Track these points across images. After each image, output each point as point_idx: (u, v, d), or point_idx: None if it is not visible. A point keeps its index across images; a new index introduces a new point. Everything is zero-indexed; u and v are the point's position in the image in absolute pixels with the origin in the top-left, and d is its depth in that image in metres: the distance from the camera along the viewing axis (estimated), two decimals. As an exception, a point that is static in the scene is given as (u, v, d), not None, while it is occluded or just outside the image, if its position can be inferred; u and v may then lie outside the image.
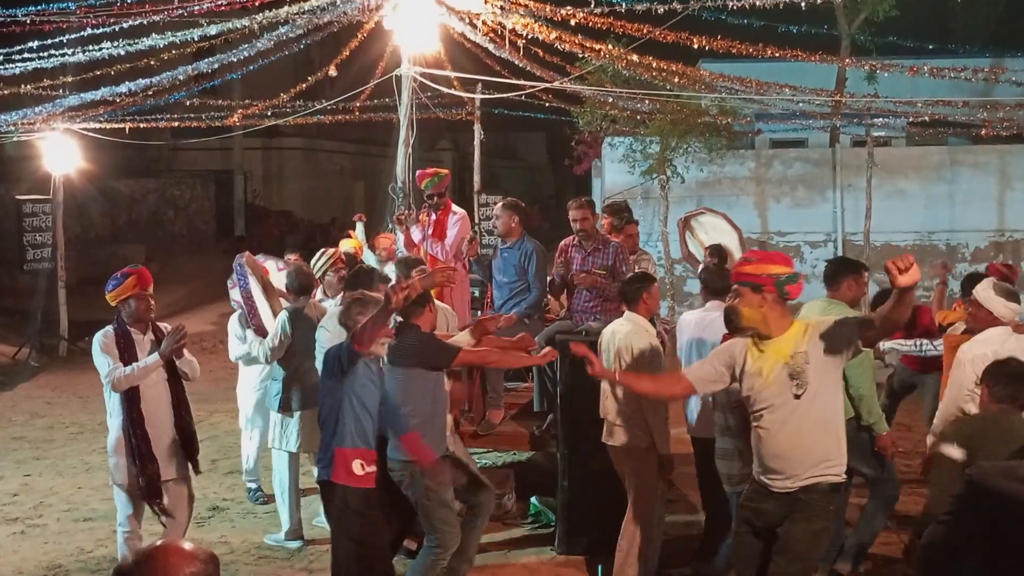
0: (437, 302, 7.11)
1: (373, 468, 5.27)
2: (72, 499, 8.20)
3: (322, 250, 8.24)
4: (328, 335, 6.14)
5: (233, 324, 7.80)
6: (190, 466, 5.98)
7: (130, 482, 5.77)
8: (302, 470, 7.37)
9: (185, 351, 5.88)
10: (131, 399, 5.72)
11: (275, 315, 7.26)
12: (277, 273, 9.06)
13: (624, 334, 5.92)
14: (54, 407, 11.73)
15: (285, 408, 6.99)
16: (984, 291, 5.64)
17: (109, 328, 5.86)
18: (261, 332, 7.14)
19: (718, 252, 8.26)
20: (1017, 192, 16.52)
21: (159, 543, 2.28)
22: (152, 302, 5.95)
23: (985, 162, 16.90)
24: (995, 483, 2.05)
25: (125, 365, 5.69)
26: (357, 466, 5.17)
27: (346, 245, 9.25)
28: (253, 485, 8.10)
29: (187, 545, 2.27)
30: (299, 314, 7.03)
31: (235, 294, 7.49)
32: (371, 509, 5.26)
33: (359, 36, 11.31)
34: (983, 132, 16.05)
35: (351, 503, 5.19)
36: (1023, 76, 13.00)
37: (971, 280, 6.75)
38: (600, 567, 6.32)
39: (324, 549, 6.96)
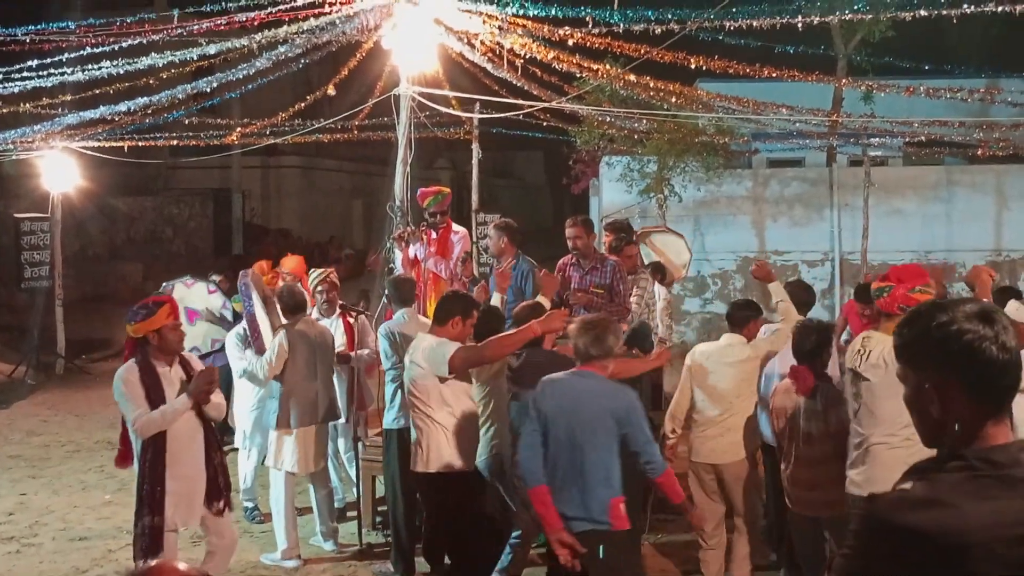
0: (424, 319, 7.13)
1: None
2: (68, 518, 8.17)
3: (318, 270, 8.29)
4: (421, 371, 5.69)
5: (231, 341, 7.78)
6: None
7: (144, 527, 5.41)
8: (298, 489, 7.35)
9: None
10: (156, 441, 5.35)
11: (274, 331, 7.25)
12: (208, 296, 9.50)
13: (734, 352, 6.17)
14: (50, 425, 11.70)
15: (282, 425, 6.97)
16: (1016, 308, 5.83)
17: (131, 364, 5.42)
18: (261, 351, 7.13)
19: (659, 270, 8.62)
20: (1013, 212, 16.56)
21: (153, 563, 2.27)
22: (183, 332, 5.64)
23: (982, 182, 16.96)
24: (887, 515, 1.98)
25: (152, 404, 5.31)
26: (623, 508, 4.84)
27: (289, 263, 9.26)
28: (250, 504, 8.07)
29: (182, 565, 2.25)
30: (295, 332, 7.03)
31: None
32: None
33: (358, 55, 11.35)
34: (979, 152, 16.13)
35: (621, 545, 4.95)
36: (1019, 96, 13.08)
37: (864, 289, 7.17)
38: None
39: (321, 569, 6.95)
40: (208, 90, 10.94)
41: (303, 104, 13.82)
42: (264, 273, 8.75)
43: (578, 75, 11.88)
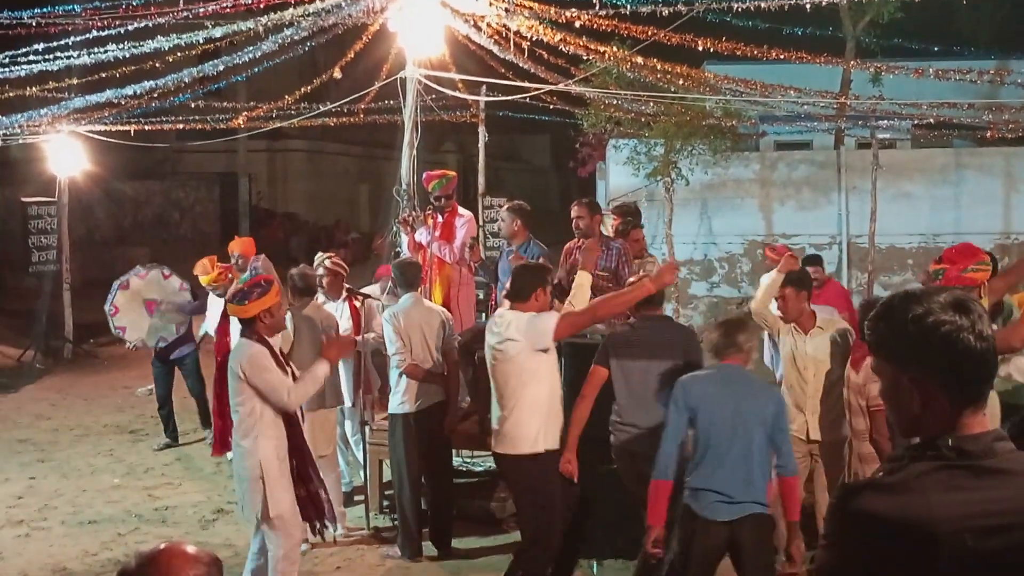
0: (429, 303, 7.12)
1: None
2: (77, 501, 8.21)
3: (323, 253, 8.29)
4: (517, 345, 5.52)
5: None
6: None
7: (292, 507, 5.57)
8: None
9: None
10: (293, 418, 5.54)
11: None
12: (163, 281, 9.76)
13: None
14: (59, 409, 11.74)
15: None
16: None
17: (253, 343, 5.46)
18: None
19: None
20: (1023, 194, 16.47)
21: (162, 546, 2.27)
22: None
23: (990, 164, 16.85)
24: (857, 503, 1.96)
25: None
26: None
27: (237, 246, 9.31)
28: None
29: (190, 548, 2.26)
30: (301, 316, 7.04)
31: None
32: None
33: (364, 38, 11.32)
34: (988, 134, 16.02)
35: (770, 527, 5.16)
36: (1028, 78, 12.98)
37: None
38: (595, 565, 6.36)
39: (328, 552, 6.97)
40: (214, 73, 10.91)
41: (309, 87, 13.78)
42: (208, 272, 8.77)
43: (585, 57, 11.83)
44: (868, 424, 6.24)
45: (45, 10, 10.34)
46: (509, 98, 12.74)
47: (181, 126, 16.38)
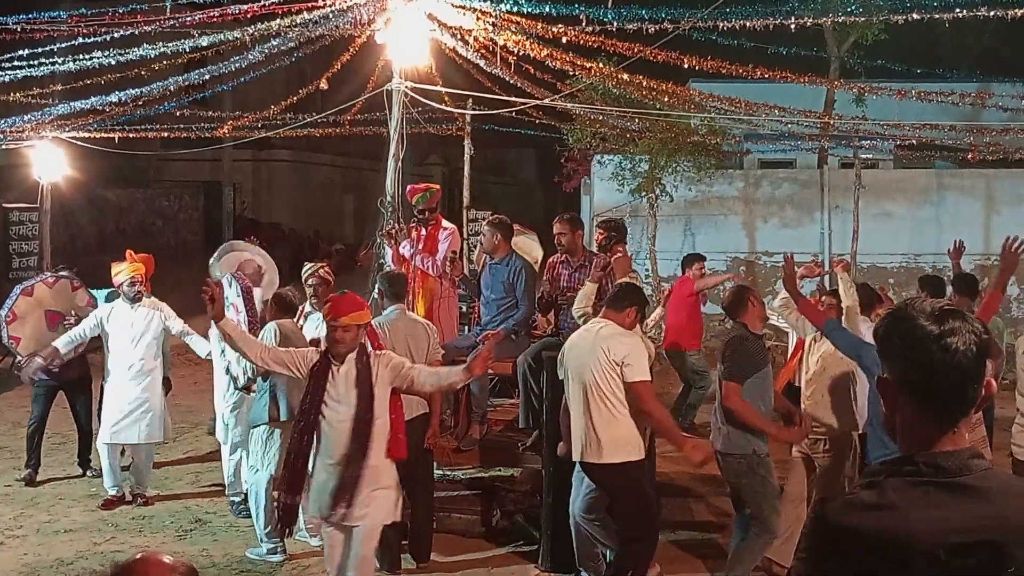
0: (414, 315, 7.13)
1: None
2: (52, 510, 8.14)
3: (309, 264, 8.29)
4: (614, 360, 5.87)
5: (213, 335, 7.74)
6: None
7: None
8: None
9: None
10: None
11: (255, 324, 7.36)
12: (71, 293, 9.14)
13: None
14: (37, 417, 11.61)
15: (273, 418, 6.97)
16: None
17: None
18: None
19: None
20: (1003, 216, 16.60)
21: (139, 555, 2.26)
22: None
23: (972, 186, 17.01)
24: (838, 519, 1.97)
25: None
26: None
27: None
28: (236, 499, 8.05)
29: (167, 558, 2.25)
30: (284, 327, 7.06)
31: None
32: None
33: (351, 50, 11.32)
34: (970, 156, 16.16)
35: None
36: (1010, 101, 13.11)
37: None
38: None
39: (307, 564, 6.93)
40: (200, 82, 10.89)
41: (295, 98, 13.76)
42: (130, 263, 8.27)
43: (571, 73, 11.87)
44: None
45: (30, 16, 10.30)
46: (495, 112, 12.76)
47: (166, 134, 16.31)
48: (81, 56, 9.94)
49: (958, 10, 8.54)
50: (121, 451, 8.54)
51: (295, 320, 7.52)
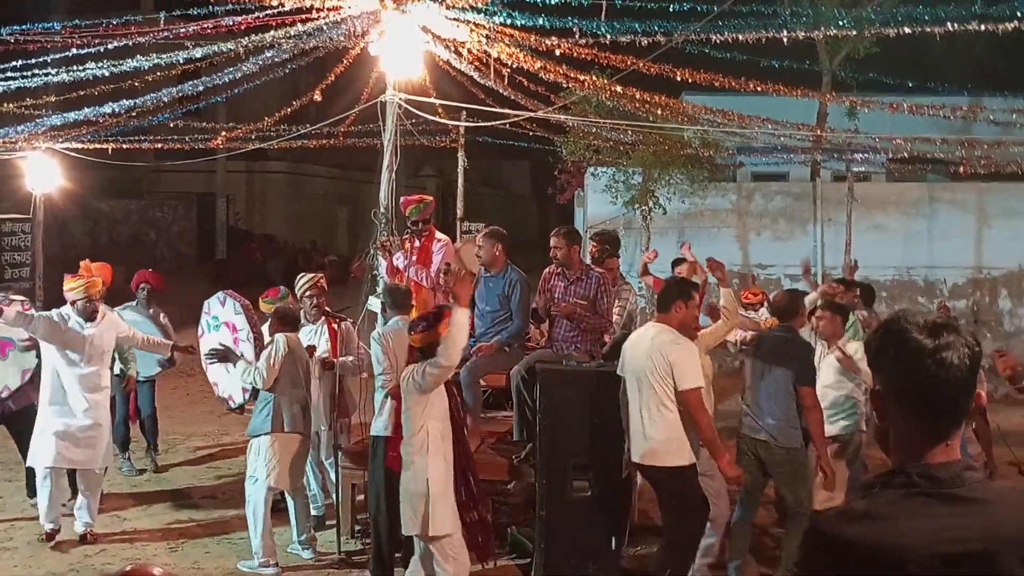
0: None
1: None
2: (43, 522, 8.07)
3: (303, 274, 8.27)
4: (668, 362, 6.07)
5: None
6: None
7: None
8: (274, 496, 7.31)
9: None
10: (460, 437, 6.26)
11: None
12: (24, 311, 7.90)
13: None
14: (28, 428, 11.55)
15: (277, 429, 6.96)
16: None
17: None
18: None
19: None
20: (995, 229, 16.66)
21: (129, 568, 2.25)
22: None
23: (963, 199, 17.07)
24: (832, 529, 1.97)
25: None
26: None
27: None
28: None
29: (157, 570, 2.24)
30: (291, 340, 7.10)
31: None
32: None
33: (345, 62, 11.34)
34: (962, 169, 16.23)
35: None
36: (1001, 115, 13.17)
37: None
38: None
39: (298, 576, 6.90)
40: (194, 93, 10.90)
41: (289, 109, 13.77)
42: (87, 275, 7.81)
43: (565, 86, 11.90)
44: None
45: (24, 27, 10.30)
46: (489, 124, 12.78)
47: (160, 145, 16.30)
48: (75, 67, 9.93)
49: (950, 24, 8.58)
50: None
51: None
